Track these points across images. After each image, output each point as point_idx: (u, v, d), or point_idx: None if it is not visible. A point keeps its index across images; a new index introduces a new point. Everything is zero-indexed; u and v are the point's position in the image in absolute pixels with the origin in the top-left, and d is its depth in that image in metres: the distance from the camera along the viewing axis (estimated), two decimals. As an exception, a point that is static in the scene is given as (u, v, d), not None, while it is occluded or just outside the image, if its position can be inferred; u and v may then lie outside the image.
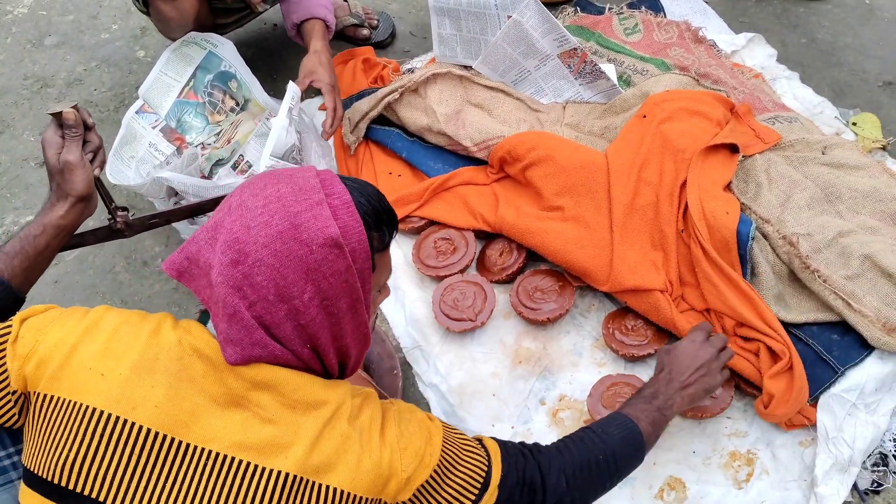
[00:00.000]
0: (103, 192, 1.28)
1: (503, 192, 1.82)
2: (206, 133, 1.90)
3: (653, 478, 1.44)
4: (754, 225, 1.58)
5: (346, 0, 2.33)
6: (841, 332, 1.51)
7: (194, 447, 0.88)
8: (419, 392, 1.63)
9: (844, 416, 1.41)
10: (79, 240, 1.33)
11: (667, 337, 1.59)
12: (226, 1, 1.97)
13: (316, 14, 1.91)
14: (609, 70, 2.01)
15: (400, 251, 1.83)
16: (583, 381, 1.57)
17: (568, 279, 1.68)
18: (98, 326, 0.94)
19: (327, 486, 0.89)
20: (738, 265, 1.56)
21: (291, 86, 1.73)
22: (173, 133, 1.87)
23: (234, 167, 1.87)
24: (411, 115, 1.94)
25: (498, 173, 1.86)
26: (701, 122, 1.75)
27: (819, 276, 1.52)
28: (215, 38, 1.90)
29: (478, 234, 1.81)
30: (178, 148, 1.86)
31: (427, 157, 1.93)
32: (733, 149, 1.73)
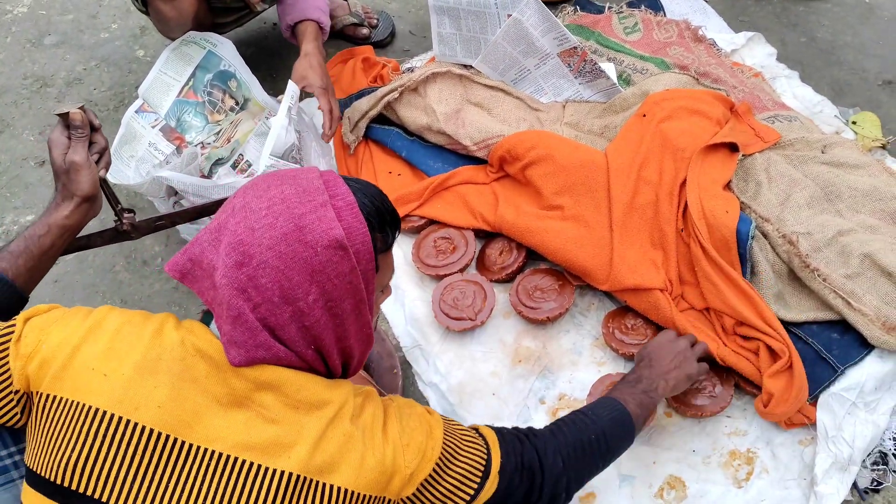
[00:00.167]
0: (109, 194, 1.28)
1: (503, 192, 1.82)
2: (206, 132, 1.90)
3: (652, 477, 1.44)
4: (754, 224, 1.58)
5: (346, -1, 2.33)
6: (841, 331, 1.51)
7: (197, 447, 0.88)
8: (419, 391, 1.63)
9: (844, 415, 1.41)
10: (85, 241, 1.33)
11: (666, 336, 1.59)
12: (225, 0, 1.97)
13: (309, 16, 1.91)
14: (609, 69, 2.01)
15: (399, 250, 1.83)
16: (582, 380, 1.57)
17: (567, 278, 1.68)
18: (101, 326, 0.94)
19: (331, 486, 0.89)
20: (738, 264, 1.56)
21: (291, 85, 1.73)
22: (173, 132, 1.87)
23: (234, 166, 1.87)
24: (411, 115, 1.94)
25: (498, 172, 1.86)
26: (701, 121, 1.75)
27: (819, 275, 1.52)
28: (215, 38, 1.90)
29: (477, 234, 1.81)
30: (178, 147, 1.86)
31: (427, 157, 1.93)
32: (733, 148, 1.73)
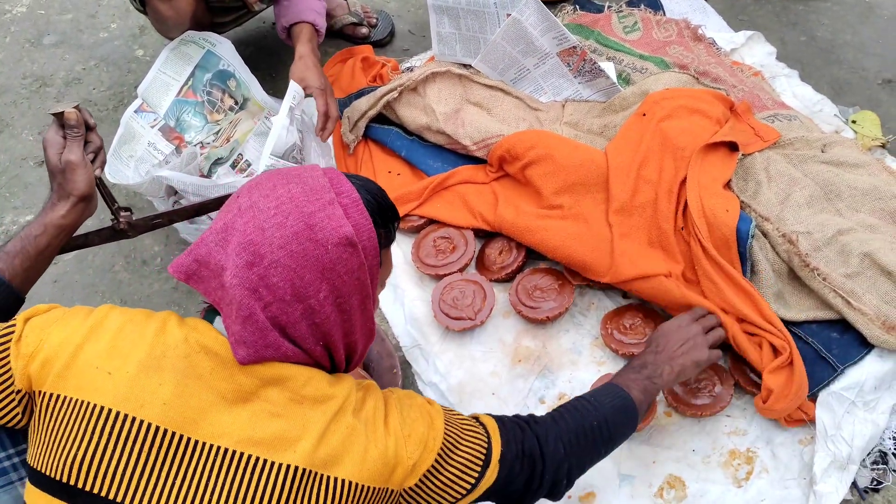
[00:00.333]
0: (106, 193, 1.28)
1: (502, 191, 1.82)
2: (205, 132, 1.90)
3: (652, 476, 1.44)
4: (754, 223, 1.57)
5: (345, -2, 2.33)
6: (840, 331, 1.50)
7: (203, 443, 0.88)
8: (419, 391, 1.63)
9: (843, 414, 1.41)
10: (83, 240, 1.33)
11: (666, 335, 1.59)
12: (223, 0, 1.97)
13: (305, 18, 1.90)
14: (608, 68, 2.01)
15: (399, 250, 1.83)
16: (582, 380, 1.57)
17: (567, 278, 1.68)
18: (103, 325, 0.94)
19: (335, 478, 0.90)
20: (738, 263, 1.56)
21: (293, 85, 1.72)
22: (172, 132, 1.87)
23: (234, 166, 1.87)
24: (410, 114, 1.94)
25: (497, 172, 1.86)
26: (700, 121, 1.74)
27: (818, 275, 1.52)
28: (214, 37, 1.90)
29: (477, 233, 1.81)
30: (177, 147, 1.86)
31: (426, 156, 1.93)
32: (733, 147, 1.72)
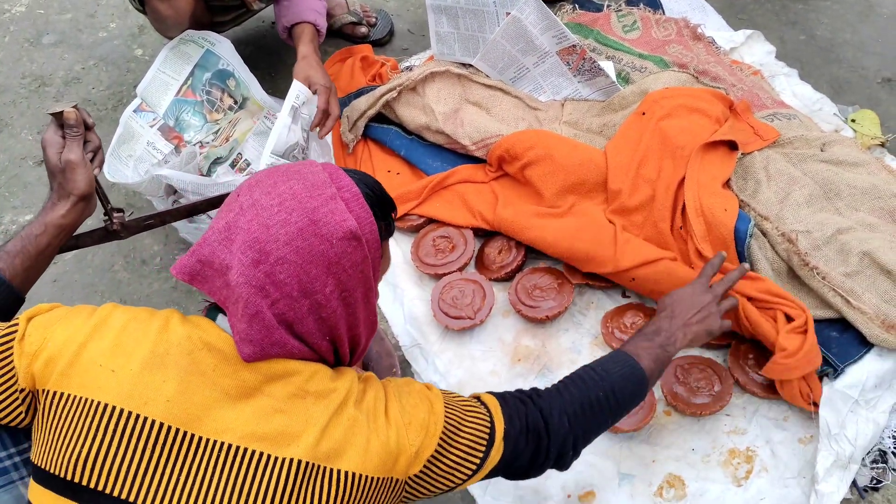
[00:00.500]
0: (101, 193, 1.28)
1: (502, 191, 1.82)
2: (205, 131, 1.90)
3: (652, 475, 1.44)
4: (753, 222, 1.57)
5: (345, -3, 2.33)
6: (840, 329, 1.51)
7: (207, 440, 0.89)
8: (418, 390, 1.63)
9: (847, 413, 1.41)
10: (75, 241, 1.33)
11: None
12: (223, -1, 1.98)
13: (306, 18, 1.90)
14: (608, 67, 2.01)
15: (399, 249, 1.83)
16: (582, 379, 1.57)
17: (567, 277, 1.68)
18: (106, 324, 0.95)
19: (339, 471, 0.91)
20: (737, 262, 1.56)
21: (296, 85, 1.71)
22: (171, 132, 1.87)
23: (233, 165, 1.87)
24: (410, 114, 1.94)
25: (497, 171, 1.86)
26: (700, 120, 1.74)
27: (818, 274, 1.52)
28: (213, 37, 1.90)
29: (476, 232, 1.81)
30: (177, 146, 1.86)
31: (426, 155, 1.93)
32: (732, 146, 1.72)
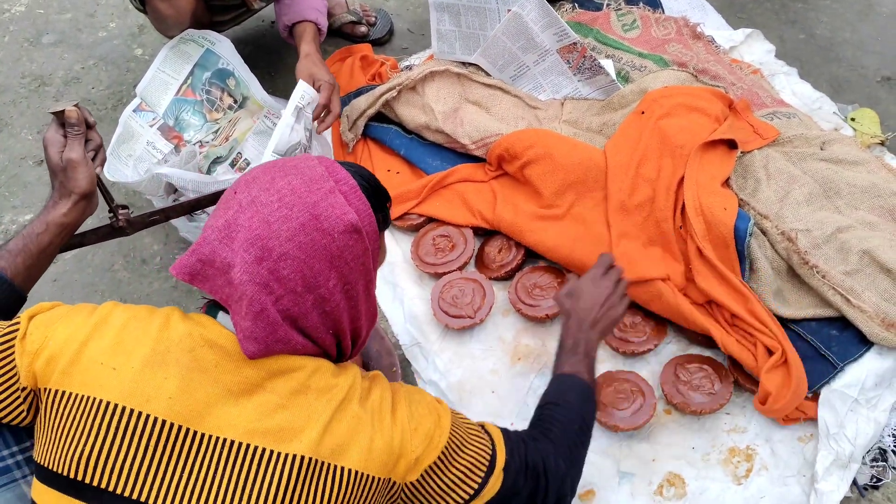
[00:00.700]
0: (104, 191, 1.28)
1: (501, 190, 1.82)
2: (204, 131, 1.90)
3: (652, 474, 1.44)
4: (752, 221, 1.57)
5: (344, -3, 2.33)
6: (840, 328, 1.51)
7: (209, 436, 0.89)
8: (418, 389, 1.63)
9: (846, 412, 1.41)
10: (80, 239, 1.33)
11: (666, 332, 1.59)
12: (222, -2, 1.98)
13: (307, 17, 1.90)
14: (607, 66, 2.01)
15: (399, 248, 1.83)
16: (582, 378, 1.57)
17: (566, 276, 1.68)
18: (107, 322, 0.95)
19: (342, 468, 0.91)
20: (737, 261, 1.56)
21: (301, 85, 1.71)
22: (171, 131, 1.87)
23: (233, 165, 1.87)
24: (409, 113, 1.94)
25: (496, 171, 1.86)
26: (699, 118, 1.74)
27: (818, 272, 1.52)
28: (213, 36, 1.90)
29: (476, 231, 1.81)
30: (176, 146, 1.86)
31: (425, 155, 1.93)
32: (732, 145, 1.72)
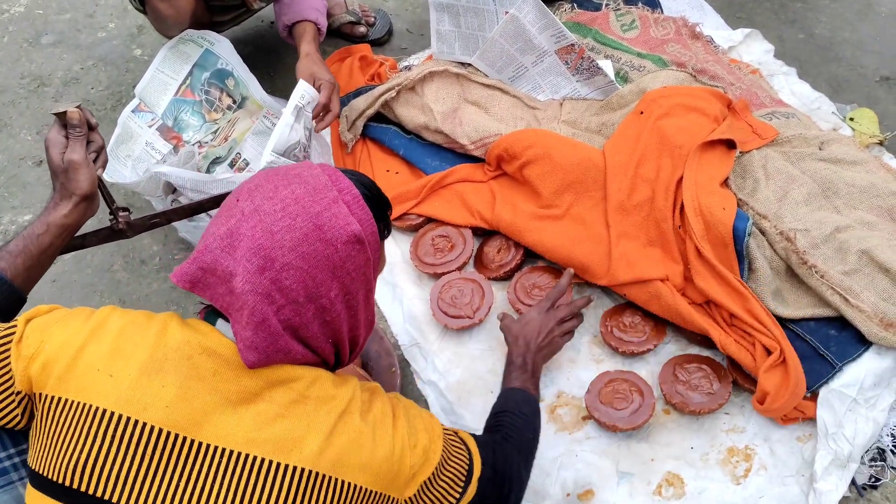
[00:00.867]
0: (105, 193, 1.28)
1: (500, 190, 1.82)
2: (203, 131, 1.90)
3: (651, 474, 1.44)
4: (751, 221, 1.57)
5: (343, -3, 2.33)
6: (838, 328, 1.51)
7: (207, 445, 0.88)
8: (417, 390, 1.63)
9: (845, 412, 1.41)
10: (80, 241, 1.33)
11: (665, 332, 1.59)
12: (222, -2, 1.98)
13: (307, 17, 1.91)
14: (606, 66, 2.01)
15: (398, 249, 1.83)
16: (581, 378, 1.57)
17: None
18: (104, 327, 0.94)
19: (343, 481, 0.90)
20: (735, 261, 1.56)
21: (302, 84, 1.71)
22: (170, 132, 1.87)
23: (232, 165, 1.87)
24: (408, 113, 1.94)
25: (495, 171, 1.86)
26: (698, 119, 1.74)
27: (816, 272, 1.52)
28: (212, 36, 1.90)
29: (475, 231, 1.81)
30: (175, 146, 1.86)
31: (424, 155, 1.93)
32: (730, 145, 1.72)
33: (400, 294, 1.75)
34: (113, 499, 0.86)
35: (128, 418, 0.87)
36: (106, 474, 0.86)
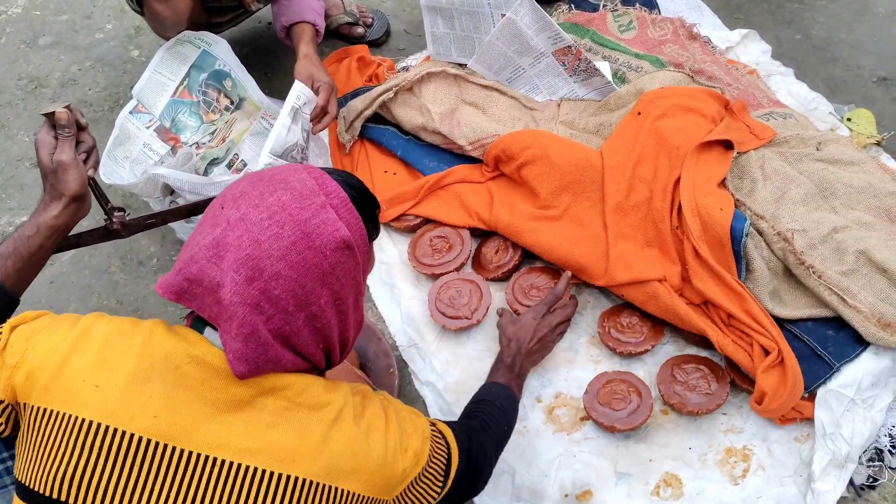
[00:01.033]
0: (99, 193, 1.28)
1: (498, 191, 1.82)
2: (201, 132, 1.90)
3: (649, 474, 1.44)
4: (748, 221, 1.58)
5: (341, -2, 2.33)
6: (836, 328, 1.51)
7: (197, 455, 0.86)
8: (415, 390, 1.63)
9: (843, 413, 1.41)
10: (75, 241, 1.33)
11: (663, 332, 1.59)
12: (220, 0, 1.97)
13: (305, 18, 1.90)
14: (604, 67, 2.01)
15: (395, 249, 1.83)
16: (579, 379, 1.57)
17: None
18: (89, 335, 0.92)
19: (340, 490, 0.89)
20: (733, 262, 1.56)
21: (297, 85, 1.71)
22: (167, 133, 1.87)
23: (229, 166, 1.87)
24: (406, 114, 1.94)
25: (493, 171, 1.86)
26: (696, 119, 1.74)
27: (814, 272, 1.52)
28: (210, 37, 1.90)
29: (473, 232, 1.81)
30: (173, 147, 1.85)
31: (422, 156, 1.93)
32: (728, 145, 1.73)
33: (398, 295, 1.75)
34: None
35: (115, 429, 0.86)
36: (94, 487, 0.85)
